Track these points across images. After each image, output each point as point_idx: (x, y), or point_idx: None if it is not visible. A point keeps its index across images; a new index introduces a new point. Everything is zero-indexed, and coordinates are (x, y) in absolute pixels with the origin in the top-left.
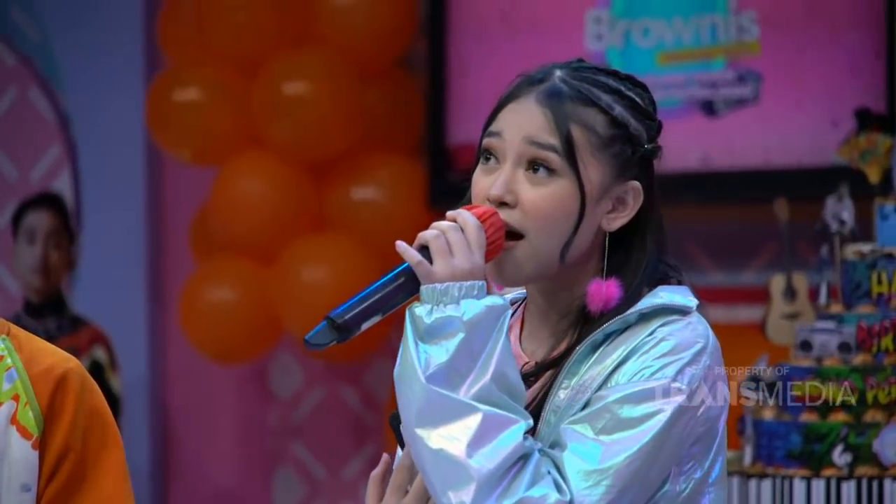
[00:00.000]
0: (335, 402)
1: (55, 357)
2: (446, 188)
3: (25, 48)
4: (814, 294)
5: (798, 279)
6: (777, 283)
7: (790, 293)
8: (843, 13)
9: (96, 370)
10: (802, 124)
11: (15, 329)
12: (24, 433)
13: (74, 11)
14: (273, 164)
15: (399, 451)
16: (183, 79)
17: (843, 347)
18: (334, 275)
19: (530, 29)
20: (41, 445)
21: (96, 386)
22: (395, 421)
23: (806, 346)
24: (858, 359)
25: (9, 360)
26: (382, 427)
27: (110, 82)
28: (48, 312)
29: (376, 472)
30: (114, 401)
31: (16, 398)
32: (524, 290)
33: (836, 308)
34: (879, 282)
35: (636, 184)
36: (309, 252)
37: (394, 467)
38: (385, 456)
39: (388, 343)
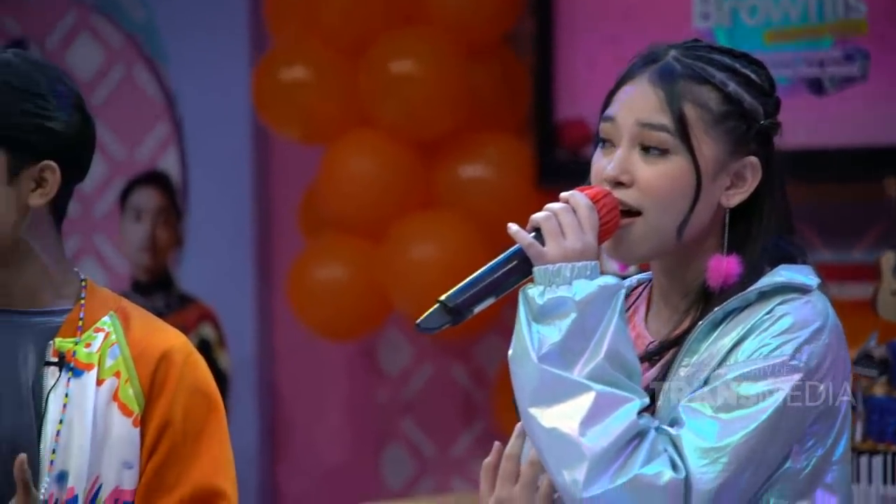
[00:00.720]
0: (445, 379)
1: (160, 334)
2: (554, 165)
3: (130, 27)
4: None
5: None
6: (887, 260)
7: None
8: None
9: (204, 348)
10: None
11: (126, 304)
12: (125, 410)
13: None
14: (381, 143)
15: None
16: (289, 58)
17: None
18: (443, 252)
19: (637, 6)
20: (142, 422)
21: (202, 361)
22: None
23: None
24: None
25: (113, 337)
26: (492, 404)
27: (216, 60)
28: (156, 290)
29: (488, 461)
30: (222, 378)
31: (117, 375)
32: (650, 273)
33: None
34: None
35: (754, 159)
36: (417, 230)
37: (503, 455)
38: (497, 444)
39: (497, 320)
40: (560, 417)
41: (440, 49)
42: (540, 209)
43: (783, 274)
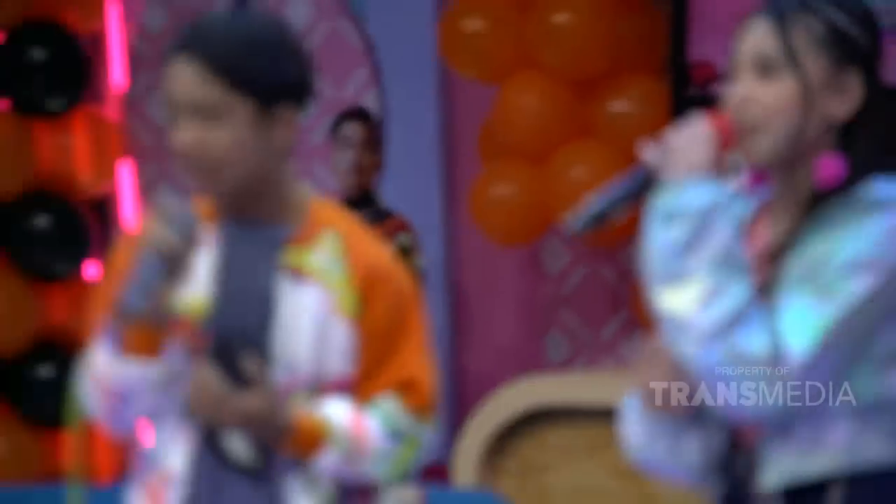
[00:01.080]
0: (596, 277)
1: (373, 250)
2: (686, 100)
3: None
4: None
5: None
6: None
7: None
8: None
9: (402, 253)
10: None
11: (345, 222)
12: (343, 314)
13: None
14: (544, 83)
15: None
16: (469, 11)
17: None
18: (594, 174)
19: None
20: (357, 325)
21: (405, 272)
22: None
23: None
24: None
25: (336, 251)
26: (634, 298)
27: (407, 14)
28: (362, 206)
29: (642, 347)
30: (416, 279)
31: (338, 284)
32: (770, 191)
33: None
34: None
35: (856, 78)
36: (574, 156)
37: (655, 343)
38: (647, 339)
39: (636, 229)
40: (679, 299)
41: (593, 2)
42: None
43: (881, 186)
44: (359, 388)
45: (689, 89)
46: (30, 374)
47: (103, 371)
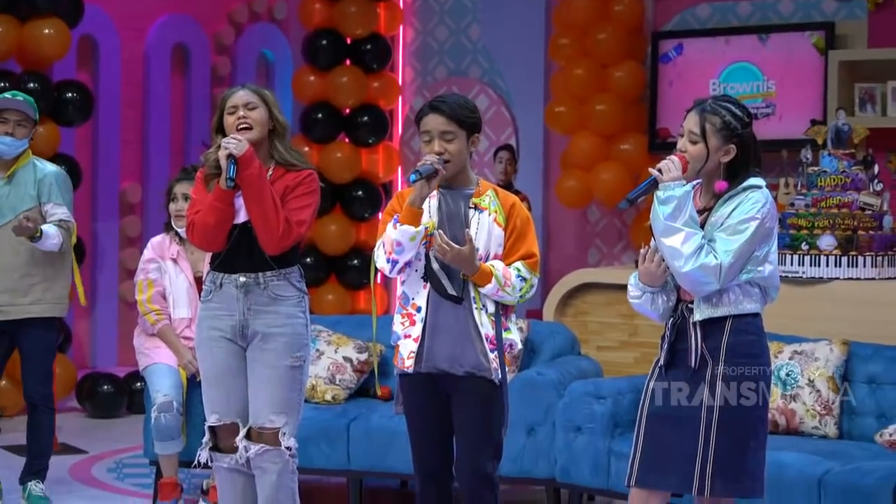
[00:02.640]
0: (612, 224)
1: (510, 197)
2: (656, 144)
3: None
4: None
5: None
6: None
7: None
8: None
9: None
10: None
11: (494, 186)
12: (499, 224)
13: None
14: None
15: None
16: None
17: None
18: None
19: None
20: (504, 228)
21: (525, 208)
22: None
23: None
24: None
25: (494, 198)
26: (630, 234)
27: (530, 101)
28: (507, 188)
29: (642, 252)
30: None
31: (496, 211)
32: (700, 181)
33: None
34: None
35: (733, 147)
36: (616, 166)
37: (650, 250)
38: (643, 248)
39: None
40: (672, 240)
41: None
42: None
43: (751, 180)
44: (505, 258)
45: (657, 139)
46: (347, 264)
47: (390, 233)
